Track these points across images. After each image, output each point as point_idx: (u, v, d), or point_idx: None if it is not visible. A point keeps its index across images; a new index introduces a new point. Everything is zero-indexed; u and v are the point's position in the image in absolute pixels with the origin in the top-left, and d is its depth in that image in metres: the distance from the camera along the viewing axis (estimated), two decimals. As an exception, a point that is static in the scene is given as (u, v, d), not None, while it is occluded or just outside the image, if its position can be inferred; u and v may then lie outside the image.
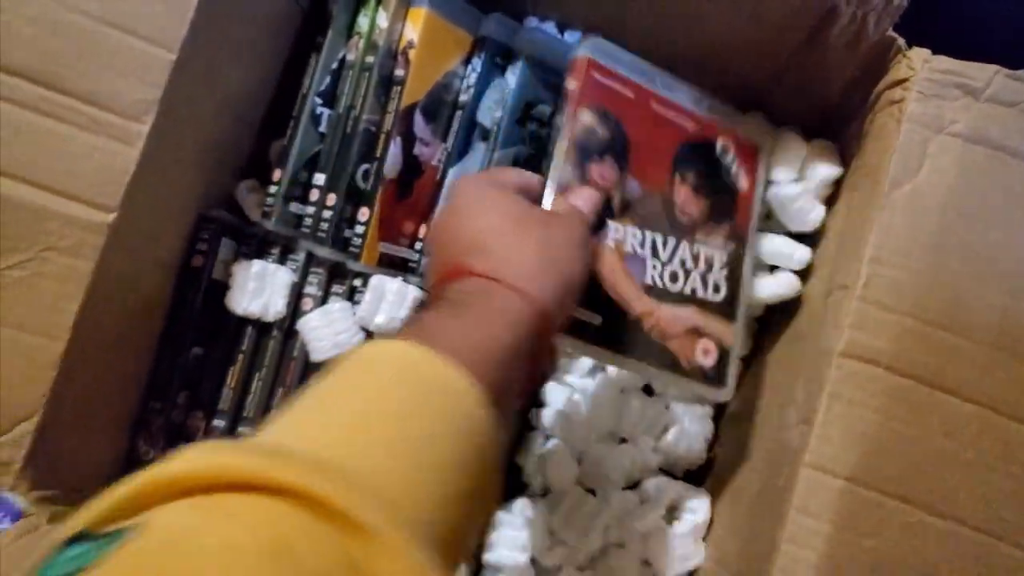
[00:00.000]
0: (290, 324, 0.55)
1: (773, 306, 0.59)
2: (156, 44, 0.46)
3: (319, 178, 0.54)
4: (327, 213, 0.53)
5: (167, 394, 0.53)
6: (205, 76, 0.50)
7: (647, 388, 0.64)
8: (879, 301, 0.45)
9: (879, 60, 0.49)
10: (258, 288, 0.53)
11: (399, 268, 0.55)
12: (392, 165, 0.54)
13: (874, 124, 0.49)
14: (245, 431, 0.54)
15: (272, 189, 0.54)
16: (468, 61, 0.56)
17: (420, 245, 0.56)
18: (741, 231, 0.54)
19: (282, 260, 0.55)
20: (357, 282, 0.55)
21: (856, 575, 0.43)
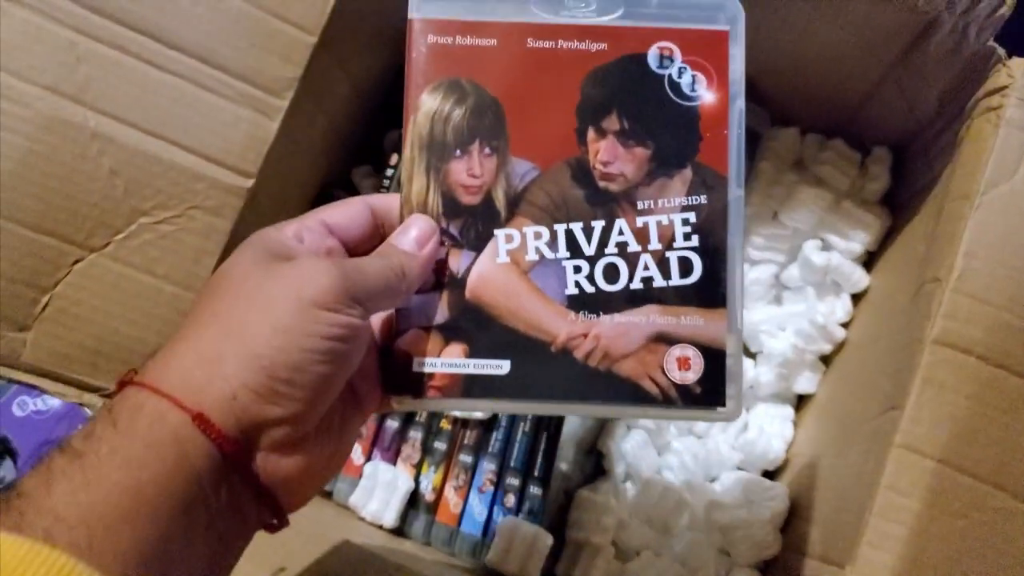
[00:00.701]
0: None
1: (858, 313, 0.61)
2: (300, 28, 0.50)
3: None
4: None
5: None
6: (339, 61, 0.55)
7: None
8: (973, 293, 0.47)
9: (978, 70, 0.51)
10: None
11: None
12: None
13: (970, 130, 0.51)
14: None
15: (388, 171, 0.58)
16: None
17: None
18: (714, 171, 0.38)
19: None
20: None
21: (944, 552, 0.44)
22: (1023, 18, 0.50)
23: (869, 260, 0.64)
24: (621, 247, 0.38)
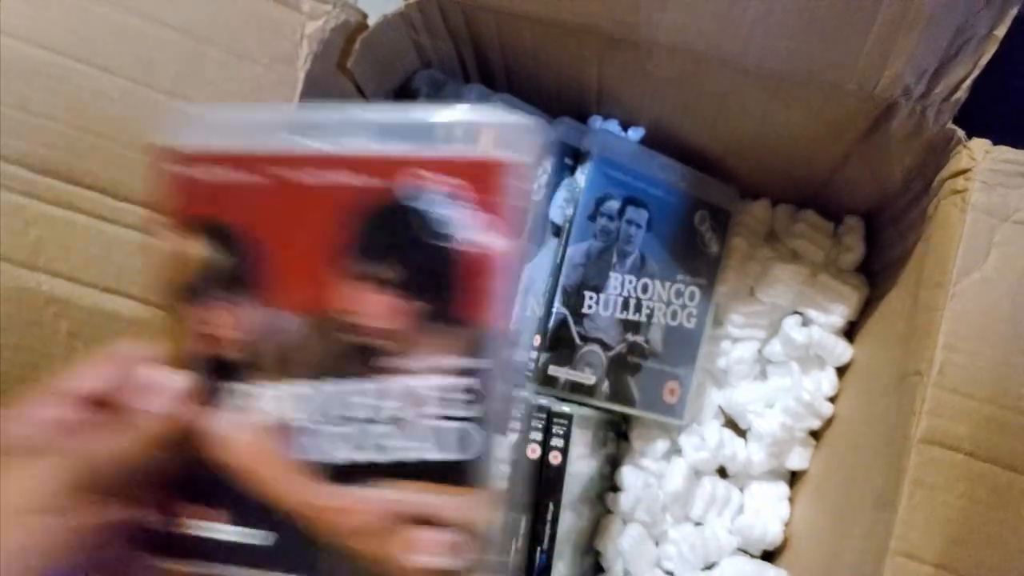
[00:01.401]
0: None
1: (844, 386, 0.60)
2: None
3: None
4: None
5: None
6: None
7: (720, 470, 0.65)
8: (955, 388, 0.46)
9: (940, 150, 0.51)
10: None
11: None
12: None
13: (938, 212, 0.51)
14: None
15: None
16: (538, 163, 0.59)
17: None
18: (484, 326, 0.31)
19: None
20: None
21: (952, 664, 0.43)
22: (982, 94, 0.49)
23: (851, 329, 0.64)
24: (379, 412, 0.32)
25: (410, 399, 0.32)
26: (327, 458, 0.33)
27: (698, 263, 0.64)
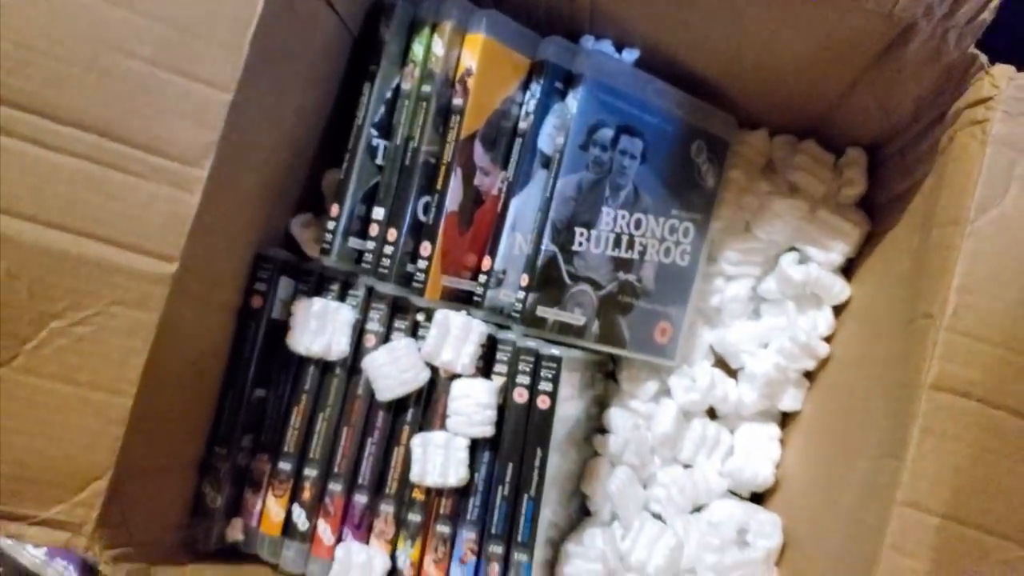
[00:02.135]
0: (353, 361, 0.53)
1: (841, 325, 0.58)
2: (212, 85, 0.44)
3: (378, 212, 0.53)
4: (388, 248, 0.52)
5: (231, 438, 0.52)
6: (261, 113, 0.49)
7: (710, 411, 0.63)
8: (969, 332, 0.44)
9: (958, 78, 0.47)
10: (320, 327, 0.52)
11: (463, 301, 0.54)
12: (453, 197, 0.52)
13: (954, 144, 0.47)
14: (311, 473, 0.53)
15: (330, 225, 0.53)
16: (526, 86, 0.55)
17: (483, 278, 0.54)
18: None
19: (342, 296, 0.54)
20: (420, 317, 0.54)
21: (955, 615, 0.42)
22: (1006, 23, 0.46)
23: (849, 266, 0.61)
24: None
25: None
26: None
27: (693, 197, 0.60)
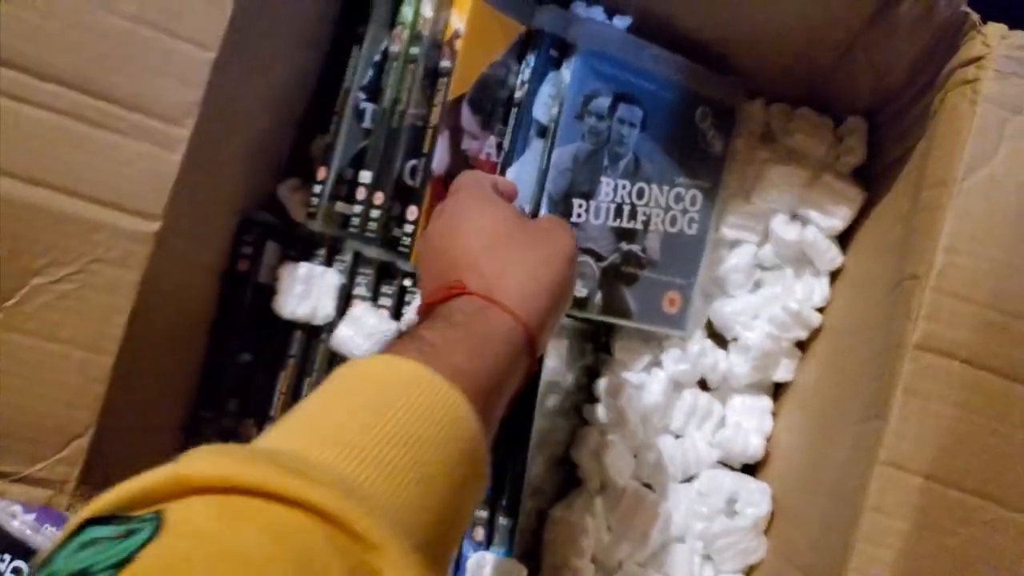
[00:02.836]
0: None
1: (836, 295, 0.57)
2: (196, 44, 0.44)
3: (365, 176, 0.53)
4: (375, 212, 0.52)
5: (217, 402, 0.53)
6: (246, 74, 0.49)
7: (702, 383, 0.62)
8: (955, 292, 0.43)
9: (951, 37, 0.47)
10: (305, 291, 0.52)
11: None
12: (440, 161, 0.52)
13: (945, 104, 0.47)
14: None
15: (316, 189, 0.53)
16: (521, 56, 0.54)
17: None
18: None
19: (329, 261, 0.54)
20: (407, 282, 0.53)
21: (936, 574, 0.42)
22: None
23: (843, 237, 0.60)
24: None
25: None
26: None
27: (700, 164, 0.59)
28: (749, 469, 0.62)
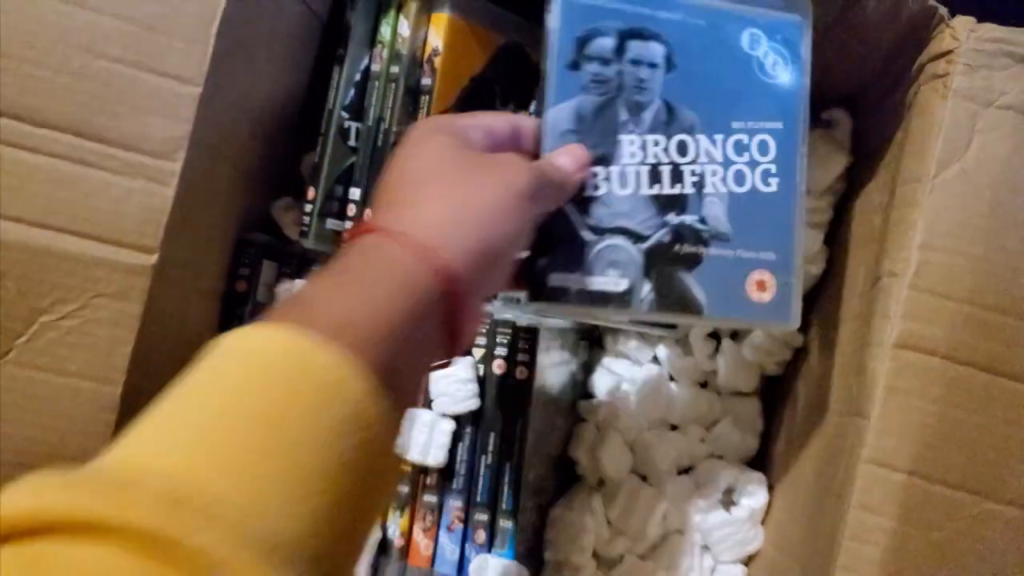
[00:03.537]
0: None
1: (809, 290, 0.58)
2: (181, 80, 0.46)
3: (354, 193, 0.54)
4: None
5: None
6: (232, 103, 0.50)
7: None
8: (932, 288, 0.44)
9: (920, 30, 0.47)
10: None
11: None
12: (425, 177, 0.53)
13: (917, 99, 0.47)
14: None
15: (308, 207, 0.55)
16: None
17: None
18: None
19: (324, 278, 0.55)
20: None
21: (923, 569, 0.43)
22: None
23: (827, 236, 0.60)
24: None
25: None
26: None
27: (763, 100, 0.46)
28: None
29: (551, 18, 0.44)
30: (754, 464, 0.62)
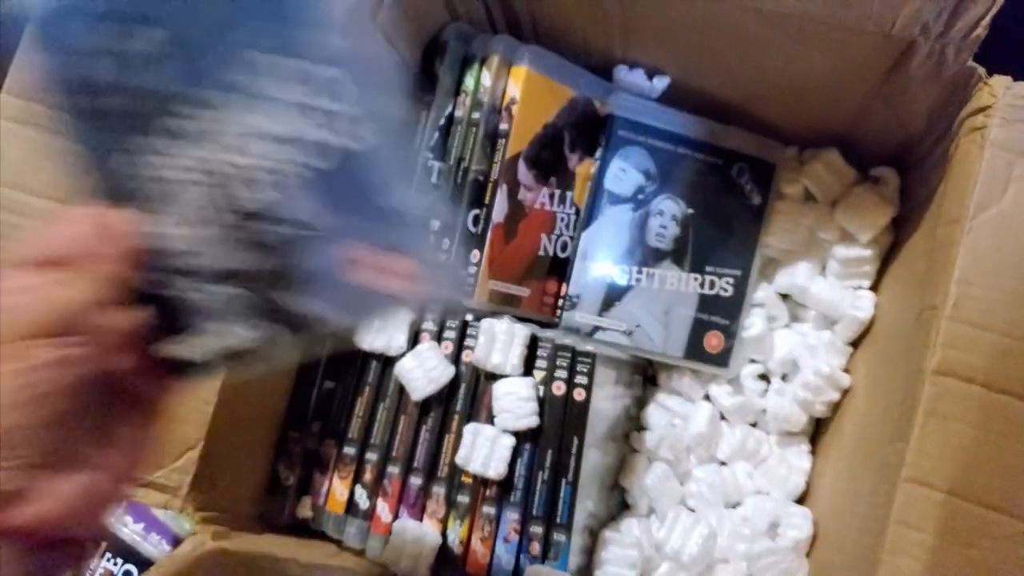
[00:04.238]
0: (410, 357, 0.60)
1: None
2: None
3: (434, 225, 0.60)
4: (442, 256, 0.59)
5: (303, 424, 0.59)
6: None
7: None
8: (970, 321, 0.47)
9: (961, 89, 0.51)
10: (381, 326, 0.59)
11: (509, 304, 0.60)
12: (499, 210, 0.59)
13: (958, 150, 0.51)
14: (372, 457, 0.60)
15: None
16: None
17: (561, 301, 0.62)
18: None
19: (401, 300, 0.61)
20: (469, 317, 0.60)
21: (961, 583, 0.44)
22: (1005, 31, 0.49)
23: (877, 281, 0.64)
24: None
25: None
26: None
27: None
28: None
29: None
30: (800, 503, 0.64)
